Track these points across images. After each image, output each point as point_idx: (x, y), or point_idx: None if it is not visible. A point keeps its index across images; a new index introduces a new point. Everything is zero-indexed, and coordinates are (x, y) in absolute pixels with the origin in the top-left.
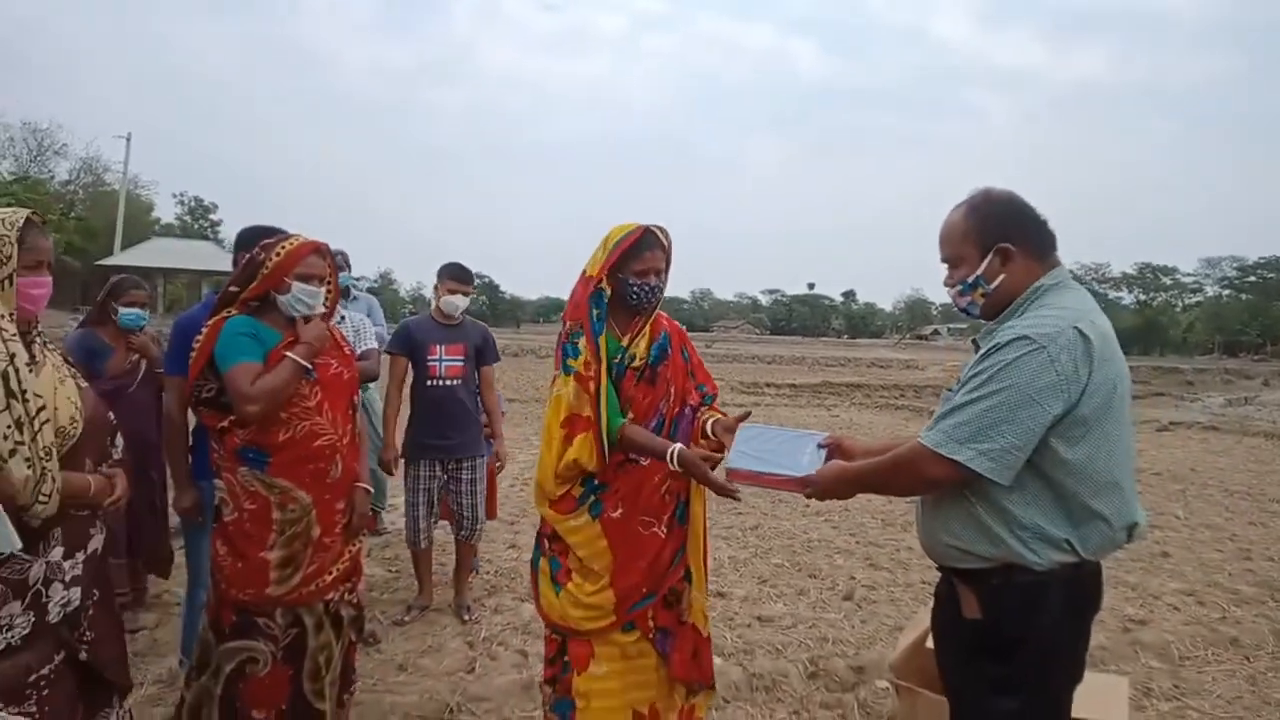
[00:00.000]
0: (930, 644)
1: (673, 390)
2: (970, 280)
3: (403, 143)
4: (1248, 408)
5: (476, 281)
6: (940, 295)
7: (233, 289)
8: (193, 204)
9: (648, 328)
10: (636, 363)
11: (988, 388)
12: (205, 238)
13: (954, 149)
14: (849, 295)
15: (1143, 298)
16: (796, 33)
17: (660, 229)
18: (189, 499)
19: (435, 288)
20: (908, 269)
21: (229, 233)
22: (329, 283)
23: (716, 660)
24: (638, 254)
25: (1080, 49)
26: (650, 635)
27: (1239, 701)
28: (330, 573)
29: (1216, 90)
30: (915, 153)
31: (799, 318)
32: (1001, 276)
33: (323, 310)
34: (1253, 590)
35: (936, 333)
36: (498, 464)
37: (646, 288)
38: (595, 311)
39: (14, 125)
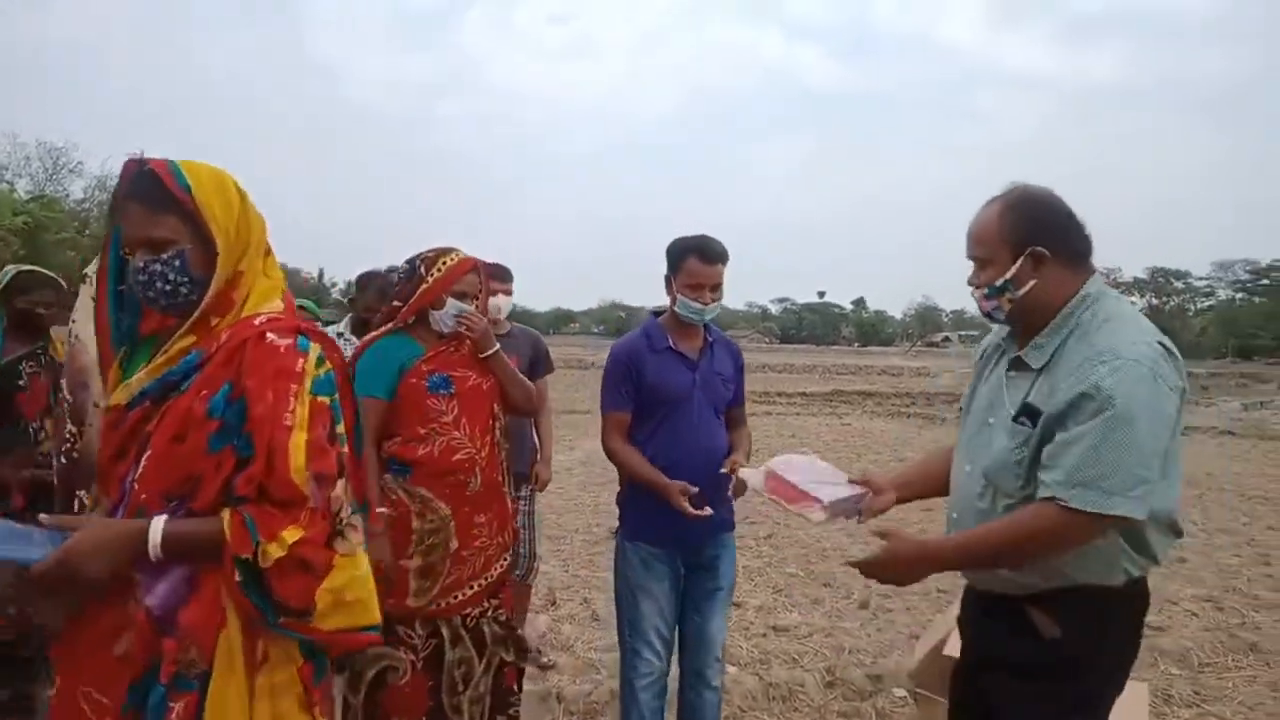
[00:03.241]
0: (949, 650)
1: (144, 462)
2: (998, 284)
3: (416, 155)
4: (1264, 412)
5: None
6: (951, 302)
7: (396, 304)
8: None
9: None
10: (106, 401)
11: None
12: None
13: (963, 154)
14: (859, 303)
15: (1154, 302)
16: (802, 38)
17: None
18: None
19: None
20: (918, 276)
21: None
22: (478, 299)
23: (732, 669)
24: None
25: (1091, 51)
26: None
27: (1261, 708)
28: (470, 587)
29: (1228, 90)
30: (925, 158)
31: (809, 326)
32: (1032, 282)
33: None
34: (1272, 595)
35: (948, 340)
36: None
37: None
38: None
39: (29, 144)
